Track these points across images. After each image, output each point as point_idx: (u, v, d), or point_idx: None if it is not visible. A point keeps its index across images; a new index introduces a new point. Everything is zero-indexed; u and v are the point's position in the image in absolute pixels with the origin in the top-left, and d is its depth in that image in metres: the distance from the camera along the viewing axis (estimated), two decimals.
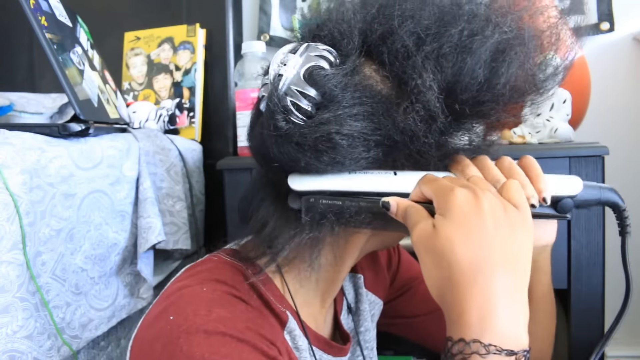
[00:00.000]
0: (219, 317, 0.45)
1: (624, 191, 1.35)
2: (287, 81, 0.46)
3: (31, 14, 0.70)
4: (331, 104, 0.45)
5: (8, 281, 0.58)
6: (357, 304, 0.69)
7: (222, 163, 0.95)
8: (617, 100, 1.26)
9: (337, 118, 0.45)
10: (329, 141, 0.45)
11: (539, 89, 0.48)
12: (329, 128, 0.45)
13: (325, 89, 0.45)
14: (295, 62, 0.46)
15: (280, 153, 0.47)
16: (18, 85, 1.36)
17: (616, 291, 1.25)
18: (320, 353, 0.58)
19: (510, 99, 0.47)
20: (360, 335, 0.68)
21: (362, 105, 0.46)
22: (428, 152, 0.47)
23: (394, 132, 0.46)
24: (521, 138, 0.94)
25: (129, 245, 0.84)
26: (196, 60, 1.24)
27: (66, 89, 0.72)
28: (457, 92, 0.45)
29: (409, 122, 0.45)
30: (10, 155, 0.60)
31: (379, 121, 0.46)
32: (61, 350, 0.66)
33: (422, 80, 0.44)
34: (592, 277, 0.82)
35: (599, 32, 1.24)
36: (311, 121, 0.45)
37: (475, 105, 0.46)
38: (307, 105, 0.46)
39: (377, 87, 0.47)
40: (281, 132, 0.46)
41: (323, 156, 0.45)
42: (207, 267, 0.53)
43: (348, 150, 0.45)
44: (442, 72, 0.45)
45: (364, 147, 0.46)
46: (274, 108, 0.46)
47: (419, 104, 0.45)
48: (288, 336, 0.53)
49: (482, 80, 0.45)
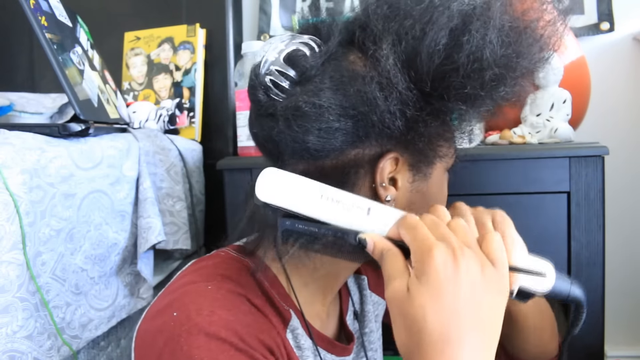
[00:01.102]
0: (220, 320, 0.45)
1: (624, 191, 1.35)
2: (267, 63, 0.50)
3: (31, 14, 0.70)
4: (306, 80, 0.49)
5: (8, 281, 0.58)
6: (362, 305, 0.69)
7: (222, 163, 0.95)
8: (617, 100, 1.26)
9: (307, 90, 0.48)
10: (297, 109, 0.48)
11: (503, 63, 0.48)
12: (297, 98, 0.48)
13: (303, 69, 0.49)
14: (279, 48, 0.50)
15: (260, 126, 0.51)
16: (18, 85, 1.36)
17: (616, 291, 1.26)
18: (323, 352, 0.58)
19: (473, 72, 0.47)
20: (365, 336, 0.68)
21: (333, 80, 0.48)
22: (394, 124, 0.48)
23: (358, 103, 0.48)
24: (521, 138, 0.94)
25: (129, 245, 0.84)
26: (196, 60, 1.24)
27: (66, 89, 0.72)
28: (418, 63, 0.47)
29: (370, 90, 0.47)
30: (10, 155, 0.60)
31: (347, 93, 0.48)
32: (61, 350, 0.66)
33: (381, 51, 0.47)
34: (592, 277, 0.82)
35: (599, 32, 1.24)
36: (285, 94, 0.49)
37: (438, 78, 0.47)
38: (286, 84, 0.49)
39: (355, 68, 0.49)
40: (260, 106, 0.50)
41: (292, 125, 0.48)
42: (214, 262, 0.54)
43: (316, 119, 0.48)
44: (402, 43, 0.47)
45: (333, 117, 0.48)
46: (254, 84, 0.50)
47: (376, 71, 0.47)
48: (290, 335, 0.53)
49: (442, 51, 0.46)
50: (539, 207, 0.83)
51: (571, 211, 0.82)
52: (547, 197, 0.83)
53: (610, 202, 0.92)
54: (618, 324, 1.25)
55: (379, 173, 0.50)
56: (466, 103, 0.48)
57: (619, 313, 1.25)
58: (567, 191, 0.82)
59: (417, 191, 0.52)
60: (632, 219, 1.27)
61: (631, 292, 1.25)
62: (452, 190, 0.86)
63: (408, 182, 0.52)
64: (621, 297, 1.25)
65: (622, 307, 1.25)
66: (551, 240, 0.83)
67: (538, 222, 0.84)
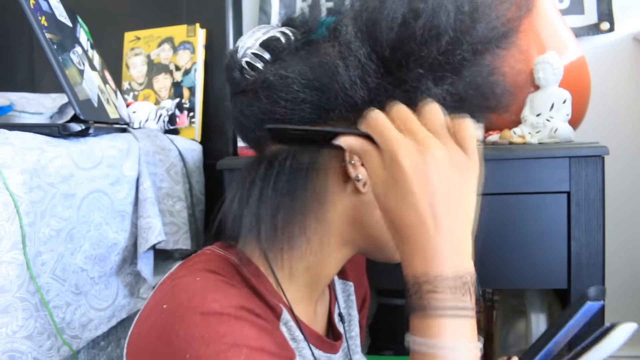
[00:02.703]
0: (213, 299, 0.45)
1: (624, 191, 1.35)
2: (244, 48, 0.53)
3: (31, 14, 0.70)
4: (279, 60, 0.52)
5: (8, 281, 0.58)
6: (348, 310, 0.70)
7: (222, 163, 0.95)
8: (617, 100, 1.26)
9: (275, 66, 0.51)
10: (265, 81, 0.51)
11: (459, 28, 0.49)
12: (266, 73, 0.51)
13: (277, 52, 0.52)
14: (255, 35, 0.54)
15: (234, 105, 0.54)
16: (18, 85, 1.36)
17: (616, 291, 1.25)
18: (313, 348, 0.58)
19: (430, 37, 0.48)
20: (351, 340, 0.69)
21: (301, 57, 0.51)
22: (358, 95, 0.49)
23: (321, 74, 0.49)
24: (521, 138, 0.94)
25: (129, 245, 0.84)
26: (196, 60, 1.24)
27: (66, 89, 0.72)
28: (378, 33, 0.48)
29: (330, 60, 0.49)
30: (10, 155, 0.60)
31: (311, 66, 0.50)
32: (61, 350, 0.66)
33: (341, 21, 0.50)
34: (592, 277, 0.82)
35: (599, 32, 1.24)
36: (257, 73, 0.52)
37: (396, 45, 0.48)
38: (261, 65, 0.52)
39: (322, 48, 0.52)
40: (235, 85, 0.54)
41: (260, 96, 0.51)
42: (200, 259, 0.54)
43: (281, 90, 0.50)
44: (364, 15, 0.49)
45: (297, 87, 0.50)
46: (230, 64, 0.54)
47: (338, 43, 0.49)
48: (284, 327, 0.53)
49: (399, 19, 0.48)
50: (539, 207, 0.83)
51: (571, 211, 0.82)
52: (547, 197, 0.83)
53: (610, 202, 0.92)
54: None
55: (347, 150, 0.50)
56: (424, 68, 0.49)
57: (619, 313, 1.25)
58: (567, 191, 0.82)
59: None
60: (632, 219, 1.27)
61: (631, 292, 1.25)
62: None
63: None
64: (621, 297, 1.25)
65: (622, 307, 1.25)
66: (551, 240, 0.83)
67: (538, 222, 0.84)
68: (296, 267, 0.56)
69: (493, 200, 0.84)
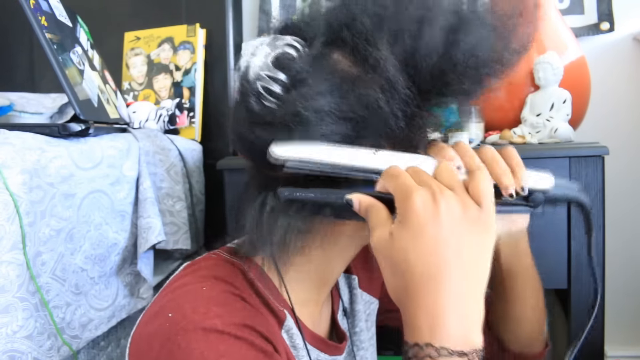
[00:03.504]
0: (216, 315, 0.45)
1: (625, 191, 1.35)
2: (256, 68, 0.49)
3: (31, 14, 0.70)
4: (299, 84, 0.48)
5: (8, 281, 0.58)
6: (351, 305, 0.69)
7: (222, 163, 0.95)
8: (617, 100, 1.26)
9: (304, 95, 0.47)
10: (297, 116, 0.46)
11: (501, 59, 0.49)
12: (297, 105, 0.46)
13: (293, 72, 0.48)
14: (264, 51, 0.49)
15: (255, 137, 0.49)
16: (18, 85, 1.36)
17: (616, 291, 1.25)
18: (317, 352, 0.58)
19: (471, 68, 0.48)
20: (355, 335, 0.68)
21: (327, 82, 0.48)
22: (397, 126, 0.48)
23: (359, 107, 0.47)
24: (521, 138, 0.94)
25: (129, 245, 0.84)
26: (196, 60, 1.24)
27: (66, 89, 0.72)
28: (417, 62, 0.47)
29: (371, 93, 0.47)
30: (10, 155, 0.60)
31: (345, 96, 0.47)
32: (61, 350, 0.66)
33: (379, 53, 0.46)
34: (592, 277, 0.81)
35: (599, 32, 1.24)
36: (280, 101, 0.48)
37: (436, 76, 0.47)
38: (278, 88, 0.48)
39: (344, 68, 0.49)
40: (253, 114, 0.49)
41: (293, 133, 0.47)
42: (206, 265, 0.53)
43: (317, 126, 0.47)
44: (400, 43, 0.47)
45: (333, 122, 0.47)
46: (245, 91, 0.49)
47: (377, 74, 0.47)
48: (285, 335, 0.53)
49: (439, 48, 0.47)
50: None
51: (571, 211, 0.82)
52: None
53: (610, 202, 0.92)
54: (618, 324, 1.25)
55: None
56: (463, 97, 0.49)
57: (619, 313, 1.25)
58: None
59: None
60: (632, 219, 1.27)
61: (631, 292, 1.25)
62: None
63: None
64: (621, 297, 1.25)
65: (622, 307, 1.25)
66: (551, 240, 0.83)
67: (538, 222, 0.83)
68: (303, 270, 0.56)
69: None
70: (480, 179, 0.43)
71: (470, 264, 0.40)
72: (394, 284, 0.42)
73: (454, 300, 0.39)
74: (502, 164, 0.48)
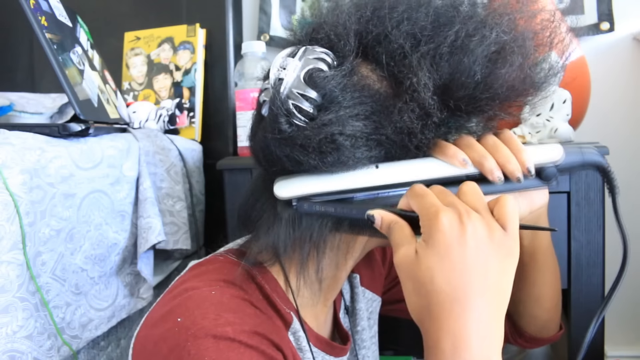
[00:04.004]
0: (227, 322, 0.45)
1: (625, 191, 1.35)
2: (288, 84, 0.47)
3: (31, 14, 0.70)
4: (332, 105, 0.47)
5: (8, 281, 0.58)
6: (353, 304, 0.69)
7: (222, 163, 0.95)
8: (617, 100, 1.26)
9: (339, 119, 0.46)
10: (333, 142, 0.46)
11: (537, 89, 0.49)
12: (332, 129, 0.46)
13: (326, 90, 0.47)
14: (295, 66, 0.47)
15: (285, 156, 0.48)
16: (18, 85, 1.36)
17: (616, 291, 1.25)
18: (322, 354, 0.58)
19: (507, 98, 0.47)
20: (357, 334, 0.68)
21: (362, 105, 0.47)
22: (427, 147, 0.48)
23: (392, 132, 0.47)
24: (521, 138, 0.94)
25: (129, 245, 0.84)
26: (196, 60, 1.24)
27: (66, 89, 0.72)
28: (453, 91, 0.46)
29: (406, 120, 0.46)
30: (10, 155, 0.60)
31: (379, 120, 0.47)
32: (61, 350, 0.66)
33: (417, 79, 0.45)
34: (592, 277, 0.82)
35: (599, 32, 1.24)
36: (314, 123, 0.46)
37: (471, 103, 0.47)
38: (309, 107, 0.47)
39: (375, 87, 0.48)
40: (285, 134, 0.47)
41: (327, 157, 0.46)
42: (215, 267, 0.53)
43: (351, 151, 0.46)
44: (438, 71, 0.46)
45: (366, 147, 0.47)
46: (277, 111, 0.47)
47: (414, 102, 0.46)
48: (292, 337, 0.53)
49: (478, 79, 0.46)
50: None
51: (571, 211, 0.82)
52: None
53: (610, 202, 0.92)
54: (618, 324, 1.25)
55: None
56: (488, 121, 0.50)
57: (619, 313, 1.25)
58: (567, 191, 0.82)
59: None
60: (632, 219, 1.26)
61: (631, 292, 1.25)
62: None
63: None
64: (621, 297, 1.25)
65: (622, 307, 1.25)
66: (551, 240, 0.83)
67: None
68: (311, 276, 0.56)
69: None
70: (505, 202, 0.42)
71: (495, 288, 0.40)
72: (417, 303, 0.41)
73: (478, 324, 0.38)
74: (504, 150, 0.48)
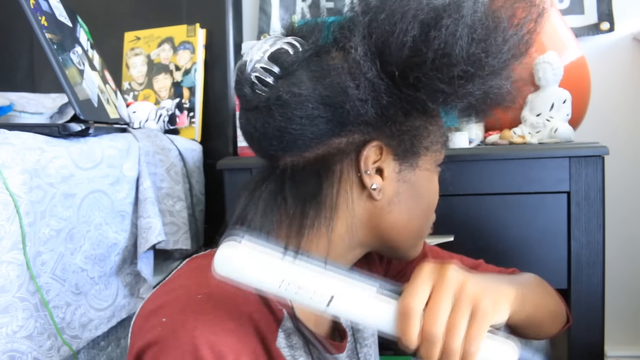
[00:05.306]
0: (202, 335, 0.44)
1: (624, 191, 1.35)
2: (253, 61, 0.53)
3: (31, 14, 0.70)
4: (289, 75, 0.52)
5: (8, 281, 0.58)
6: None
7: (222, 163, 0.95)
8: (617, 100, 1.26)
9: (287, 82, 0.51)
10: (279, 99, 0.51)
11: (472, 61, 0.48)
12: (278, 89, 0.51)
13: (286, 64, 0.52)
14: (264, 48, 0.53)
15: (247, 121, 0.54)
16: (18, 85, 1.36)
17: (616, 291, 1.26)
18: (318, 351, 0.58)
19: (441, 66, 0.48)
20: (358, 332, 0.68)
21: (312, 73, 0.51)
22: (367, 111, 0.50)
23: (335, 93, 0.50)
24: (521, 138, 0.94)
25: (129, 245, 0.84)
26: (196, 60, 1.24)
27: (66, 89, 0.72)
28: (388, 55, 0.49)
29: (342, 79, 0.50)
30: (10, 155, 0.60)
31: (324, 84, 0.51)
32: (61, 350, 0.66)
33: (351, 42, 0.50)
34: (592, 277, 0.82)
35: (599, 32, 1.24)
36: (268, 88, 0.52)
37: (407, 68, 0.49)
38: (271, 80, 0.52)
39: (332, 62, 0.52)
40: (245, 100, 0.53)
41: (275, 114, 0.51)
42: (209, 262, 0.53)
43: (296, 107, 0.50)
44: (372, 35, 0.50)
45: (312, 105, 0.50)
46: (240, 80, 0.53)
47: (347, 63, 0.50)
48: (282, 334, 0.53)
49: (411, 43, 0.48)
50: (539, 207, 0.83)
51: (571, 211, 0.82)
52: (547, 197, 0.83)
53: (610, 202, 0.92)
54: (618, 324, 1.25)
55: (362, 161, 0.52)
56: (436, 96, 0.50)
57: (619, 313, 1.25)
58: (567, 191, 0.82)
59: (404, 181, 0.55)
60: (632, 219, 1.27)
61: (631, 292, 1.25)
62: (453, 190, 0.86)
63: (394, 171, 0.54)
64: (621, 297, 1.25)
65: (622, 307, 1.25)
66: (551, 240, 0.83)
67: (538, 222, 0.84)
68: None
69: (493, 200, 0.84)
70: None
71: None
72: None
73: None
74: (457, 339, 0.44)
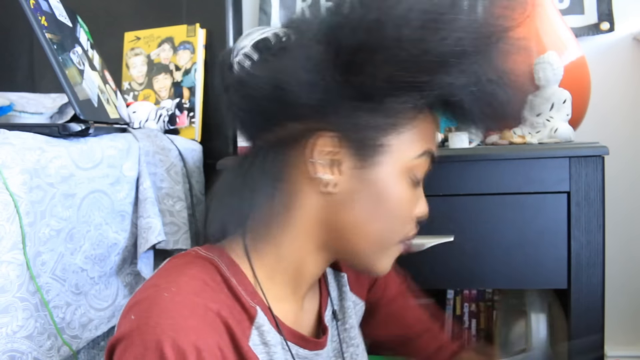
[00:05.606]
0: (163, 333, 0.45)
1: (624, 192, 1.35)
2: (239, 48, 0.56)
3: (31, 14, 0.70)
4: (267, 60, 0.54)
5: (8, 281, 0.58)
6: (341, 302, 0.70)
7: (222, 163, 0.95)
8: (617, 100, 1.26)
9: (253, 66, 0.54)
10: (240, 80, 0.54)
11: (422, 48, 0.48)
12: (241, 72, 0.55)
13: (264, 52, 0.54)
14: (252, 36, 0.58)
15: (224, 100, 0.57)
16: (18, 85, 1.36)
17: (616, 291, 1.26)
18: (296, 348, 0.58)
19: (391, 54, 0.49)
20: (345, 332, 0.68)
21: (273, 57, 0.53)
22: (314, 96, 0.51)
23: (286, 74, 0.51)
24: (521, 138, 0.94)
25: (129, 245, 0.84)
26: (196, 60, 1.24)
27: (66, 89, 0.72)
28: (340, 37, 0.50)
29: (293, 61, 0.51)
30: (10, 155, 0.60)
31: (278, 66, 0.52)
32: (61, 350, 0.66)
33: (306, 25, 0.53)
34: (592, 277, 0.82)
35: (599, 32, 1.24)
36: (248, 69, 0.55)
37: (355, 50, 0.49)
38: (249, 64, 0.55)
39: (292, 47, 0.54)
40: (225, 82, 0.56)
41: (238, 94, 0.54)
42: (184, 262, 0.55)
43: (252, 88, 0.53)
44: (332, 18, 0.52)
45: (266, 86, 0.52)
46: (220, 63, 0.57)
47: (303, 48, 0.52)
48: (256, 332, 0.53)
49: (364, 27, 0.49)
50: (539, 207, 0.83)
51: (571, 211, 0.82)
52: (547, 197, 0.83)
53: (610, 202, 0.92)
54: (618, 324, 1.25)
55: (310, 147, 0.53)
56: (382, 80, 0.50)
57: (619, 313, 1.25)
58: (567, 191, 0.82)
59: (363, 179, 0.54)
60: (632, 219, 1.27)
61: (631, 292, 1.25)
62: (452, 190, 0.86)
63: (353, 167, 0.54)
64: (621, 297, 1.25)
65: (622, 307, 1.25)
66: (551, 240, 0.83)
67: (538, 222, 0.84)
68: (276, 267, 0.57)
69: (493, 200, 0.84)
70: None
71: None
72: None
73: None
74: None
